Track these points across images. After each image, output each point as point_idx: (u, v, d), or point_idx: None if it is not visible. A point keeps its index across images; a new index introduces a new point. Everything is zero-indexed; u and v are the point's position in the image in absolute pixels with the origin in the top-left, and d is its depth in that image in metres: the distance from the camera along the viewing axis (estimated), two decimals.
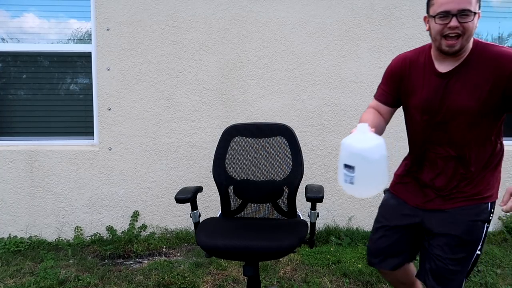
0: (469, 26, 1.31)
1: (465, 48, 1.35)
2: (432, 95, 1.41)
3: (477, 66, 1.34)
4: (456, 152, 1.42)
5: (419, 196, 1.53)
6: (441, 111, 1.40)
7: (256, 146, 2.14)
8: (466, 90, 1.34)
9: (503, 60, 1.30)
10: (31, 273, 2.64)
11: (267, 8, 3.27)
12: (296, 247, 1.76)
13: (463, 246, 1.43)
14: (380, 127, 1.54)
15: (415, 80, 1.47)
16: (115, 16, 3.20)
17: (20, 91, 3.33)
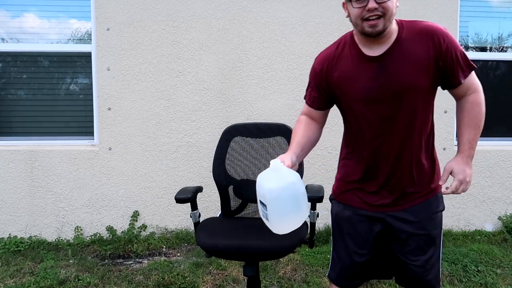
0: (388, 5, 1.24)
1: (390, 30, 1.29)
2: (371, 83, 1.32)
3: (411, 44, 1.30)
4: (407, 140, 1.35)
5: (371, 201, 1.43)
6: (386, 96, 1.31)
7: (256, 146, 2.14)
8: (407, 69, 1.29)
9: (437, 35, 1.29)
10: (31, 273, 2.64)
11: (267, 8, 3.27)
12: (296, 247, 1.76)
13: (432, 242, 1.43)
14: (314, 139, 1.51)
15: (346, 73, 1.36)
16: (115, 16, 3.20)
17: (20, 91, 3.33)
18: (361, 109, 1.36)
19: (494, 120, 3.62)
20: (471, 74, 1.35)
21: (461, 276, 2.59)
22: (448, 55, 1.29)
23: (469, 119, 1.36)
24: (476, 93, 1.35)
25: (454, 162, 1.39)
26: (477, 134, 1.37)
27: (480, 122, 1.37)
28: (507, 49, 3.61)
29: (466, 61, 1.33)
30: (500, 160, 3.46)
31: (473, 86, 1.35)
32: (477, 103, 1.35)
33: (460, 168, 1.37)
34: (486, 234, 3.35)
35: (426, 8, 3.35)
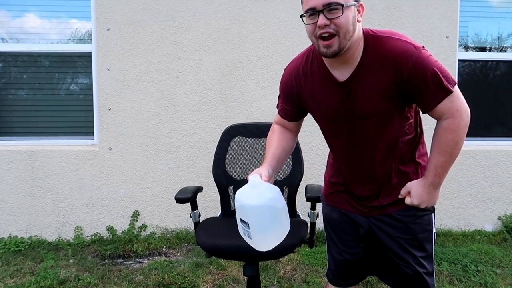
0: (341, 22, 1.12)
1: (353, 49, 1.20)
2: (338, 105, 1.28)
3: (373, 69, 1.20)
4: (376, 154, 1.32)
5: (356, 204, 1.43)
6: (353, 119, 1.28)
7: (256, 146, 2.15)
8: (367, 96, 1.23)
9: (399, 60, 1.17)
10: (31, 273, 2.64)
11: (267, 8, 3.27)
12: (296, 247, 1.76)
13: (419, 245, 1.37)
14: (288, 148, 1.49)
15: (314, 90, 1.32)
16: (115, 16, 3.20)
17: (20, 91, 3.33)
18: (329, 128, 1.37)
19: (494, 120, 3.62)
20: (448, 98, 1.19)
21: (461, 276, 2.59)
22: (412, 81, 1.18)
23: (439, 144, 1.24)
24: (451, 118, 1.20)
25: (416, 184, 1.30)
26: (446, 162, 1.24)
27: (452, 150, 1.23)
28: (507, 49, 3.61)
29: (439, 84, 1.18)
30: (500, 160, 3.46)
31: (449, 111, 1.20)
32: (450, 129, 1.21)
33: (418, 193, 1.29)
34: (486, 234, 3.35)
35: (426, 8, 3.35)
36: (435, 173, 1.26)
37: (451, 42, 3.39)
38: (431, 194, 1.29)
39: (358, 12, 1.19)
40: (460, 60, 3.48)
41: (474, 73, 3.59)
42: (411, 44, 1.19)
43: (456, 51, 3.42)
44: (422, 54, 1.17)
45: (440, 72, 1.18)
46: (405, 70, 1.17)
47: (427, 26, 3.37)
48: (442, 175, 1.26)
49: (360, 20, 1.19)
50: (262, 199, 1.17)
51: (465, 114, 1.22)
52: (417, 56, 1.16)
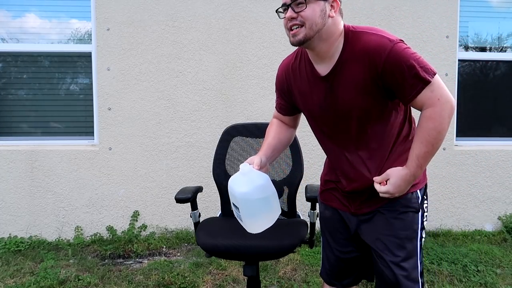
0: (306, 14, 1.20)
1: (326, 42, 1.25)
2: (323, 102, 1.33)
3: (351, 64, 1.25)
4: (363, 150, 1.34)
5: (345, 202, 1.44)
6: (336, 114, 1.32)
7: (256, 146, 2.14)
8: (347, 91, 1.27)
9: (372, 54, 1.20)
10: (31, 273, 2.64)
11: (267, 8, 3.27)
12: (296, 247, 1.76)
13: (401, 244, 1.33)
14: (285, 140, 1.56)
15: (301, 86, 1.39)
16: (115, 16, 3.20)
17: (20, 91, 3.33)
18: (317, 123, 1.41)
19: (494, 120, 3.62)
20: (428, 87, 1.20)
21: (461, 276, 2.59)
22: (387, 74, 1.20)
23: (421, 134, 1.22)
24: (432, 107, 1.20)
25: (396, 173, 1.27)
26: (428, 152, 1.22)
27: (434, 140, 1.21)
28: (507, 49, 3.61)
29: (416, 76, 1.19)
30: (500, 160, 3.46)
31: (429, 100, 1.20)
32: (432, 118, 1.20)
33: (397, 182, 1.26)
34: (485, 234, 3.35)
35: (426, 8, 3.35)
36: (417, 163, 1.24)
37: (451, 42, 3.39)
38: (408, 184, 1.27)
39: (332, 7, 1.24)
40: (460, 60, 3.49)
41: (474, 73, 3.59)
42: (386, 37, 1.21)
43: (456, 51, 3.42)
44: (396, 47, 1.19)
45: (417, 63, 1.19)
46: (379, 64, 1.19)
47: (427, 26, 3.37)
48: (423, 165, 1.25)
49: (332, 15, 1.24)
50: (251, 186, 1.24)
51: (448, 104, 1.21)
52: (391, 49, 1.18)
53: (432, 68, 1.22)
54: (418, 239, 1.36)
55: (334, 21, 1.25)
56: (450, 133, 3.41)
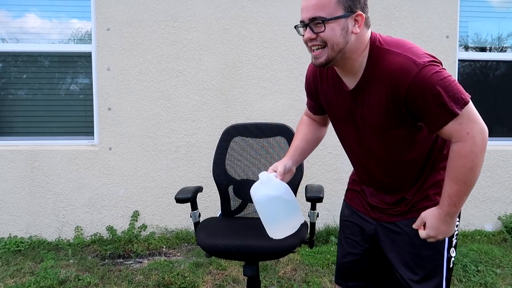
0: (325, 35, 1.12)
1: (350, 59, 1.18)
2: (347, 110, 1.29)
3: (375, 82, 1.18)
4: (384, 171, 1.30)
5: (367, 206, 1.41)
6: (359, 129, 1.28)
7: (256, 146, 2.15)
8: (371, 109, 1.21)
9: (395, 78, 1.12)
10: (31, 273, 2.64)
11: (267, 8, 3.27)
12: (296, 247, 1.76)
13: (423, 264, 1.28)
14: (314, 140, 1.55)
15: (327, 93, 1.34)
16: (115, 16, 3.20)
17: (20, 91, 3.33)
18: (340, 129, 1.38)
19: (494, 120, 3.62)
20: (456, 120, 1.09)
21: (461, 276, 2.59)
22: (410, 101, 1.12)
23: (451, 171, 1.13)
24: (461, 142, 1.10)
25: (431, 214, 1.19)
26: (461, 191, 1.12)
27: (466, 177, 1.11)
28: (507, 49, 3.61)
29: (442, 105, 1.08)
30: (500, 160, 3.46)
31: (457, 134, 1.10)
32: (461, 155, 1.10)
33: (433, 224, 1.18)
34: (485, 234, 3.35)
35: (426, 8, 3.35)
36: (450, 202, 1.14)
37: (451, 42, 3.39)
38: (448, 224, 1.17)
39: (356, 22, 1.14)
40: (460, 60, 3.49)
41: (474, 73, 3.59)
42: (412, 60, 1.10)
43: (456, 51, 3.42)
44: (422, 72, 1.08)
45: (446, 91, 1.08)
46: (401, 89, 1.12)
47: (427, 26, 3.37)
48: (458, 204, 1.14)
49: (356, 32, 1.14)
50: (268, 195, 1.27)
51: (479, 137, 1.09)
52: (416, 75, 1.09)
53: (464, 96, 1.09)
54: (444, 259, 1.29)
55: (358, 36, 1.16)
56: None
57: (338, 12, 1.11)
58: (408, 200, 1.31)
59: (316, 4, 1.11)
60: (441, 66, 1.12)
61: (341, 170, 3.31)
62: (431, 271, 1.29)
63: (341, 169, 3.31)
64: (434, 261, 1.29)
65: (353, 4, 1.12)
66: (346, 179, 1.59)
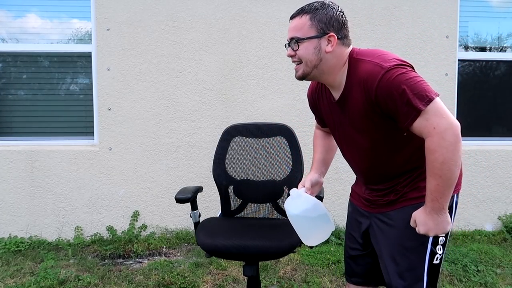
0: (300, 53, 1.30)
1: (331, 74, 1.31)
2: (338, 121, 1.41)
3: (353, 90, 1.28)
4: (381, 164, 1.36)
5: (363, 200, 1.49)
6: (350, 134, 1.38)
7: (256, 146, 2.15)
8: (354, 114, 1.31)
9: (365, 83, 1.22)
10: (32, 273, 2.64)
11: (267, 8, 3.27)
12: (296, 247, 1.76)
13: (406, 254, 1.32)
14: (331, 149, 1.66)
15: (324, 107, 1.47)
16: (115, 16, 3.20)
17: (20, 91, 3.33)
18: (336, 137, 1.50)
19: (494, 120, 3.62)
20: (422, 116, 1.15)
21: (461, 276, 2.59)
22: (380, 102, 1.20)
23: (427, 167, 1.18)
24: (429, 137, 1.15)
25: (419, 212, 1.24)
26: (439, 185, 1.15)
27: (440, 171, 1.14)
28: (507, 49, 3.61)
29: (408, 103, 1.15)
30: (500, 160, 3.46)
31: (425, 129, 1.15)
32: (430, 149, 1.15)
33: (421, 220, 1.22)
34: (486, 234, 3.35)
35: (426, 8, 3.35)
36: (432, 198, 1.18)
37: (451, 42, 3.39)
38: (436, 220, 1.21)
39: (329, 42, 1.27)
40: (460, 60, 3.49)
41: (474, 73, 3.59)
42: (379, 65, 1.20)
43: (456, 51, 3.42)
44: (388, 74, 1.17)
45: (410, 89, 1.14)
46: (372, 93, 1.21)
47: (427, 26, 3.37)
48: (440, 199, 1.17)
49: (329, 50, 1.27)
50: (297, 210, 1.43)
51: (447, 132, 1.12)
52: (382, 77, 1.17)
53: (429, 93, 1.15)
54: (427, 252, 1.32)
55: (334, 55, 1.29)
56: None
57: (311, 33, 1.28)
58: (398, 190, 1.36)
59: (295, 26, 1.31)
60: (408, 68, 1.20)
61: (341, 170, 3.31)
62: (413, 262, 1.33)
63: (341, 169, 3.31)
64: (417, 253, 1.33)
65: (325, 26, 1.27)
66: (346, 179, 1.61)
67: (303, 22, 1.29)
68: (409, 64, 1.23)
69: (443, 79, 3.40)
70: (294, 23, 1.31)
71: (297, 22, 1.30)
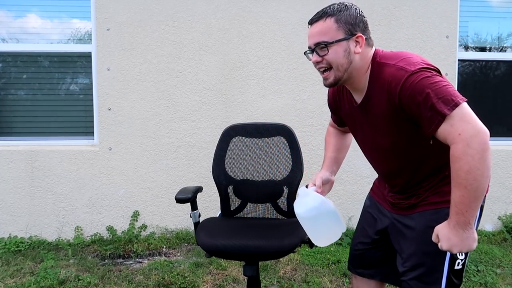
0: (329, 58, 1.24)
1: (355, 77, 1.28)
2: (360, 123, 1.39)
3: (377, 95, 1.25)
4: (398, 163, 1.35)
5: (386, 201, 1.48)
6: (372, 137, 1.36)
7: (256, 146, 2.15)
8: (377, 119, 1.29)
9: (388, 88, 1.19)
10: (32, 273, 2.64)
11: (267, 8, 3.27)
12: (296, 247, 1.76)
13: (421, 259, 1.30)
14: (343, 147, 1.66)
15: (345, 108, 1.46)
16: (115, 16, 3.20)
17: (20, 91, 3.33)
18: (357, 138, 1.49)
19: (494, 120, 3.62)
20: (447, 121, 1.10)
21: None
22: (404, 107, 1.17)
23: (452, 176, 1.11)
24: (454, 144, 1.08)
25: (441, 226, 1.18)
26: (464, 197, 1.08)
27: (465, 181, 1.06)
28: (507, 49, 3.61)
29: (432, 108, 1.10)
30: (500, 160, 3.46)
31: (450, 135, 1.10)
32: (455, 157, 1.08)
33: (444, 236, 1.15)
34: (486, 234, 3.35)
35: (426, 8, 3.35)
36: (456, 211, 1.10)
37: (451, 42, 3.39)
38: (461, 235, 1.12)
39: (357, 43, 1.24)
40: (460, 60, 3.49)
41: (474, 73, 3.59)
42: (403, 69, 1.16)
43: (456, 51, 3.42)
44: (411, 77, 1.13)
45: (435, 94, 1.10)
46: (395, 97, 1.18)
47: (427, 26, 3.37)
48: (466, 212, 1.09)
49: (358, 51, 1.24)
50: (305, 209, 1.41)
51: (473, 139, 1.05)
52: (405, 81, 1.14)
53: (455, 98, 1.10)
54: (446, 258, 1.28)
55: (361, 56, 1.26)
56: None
57: (339, 36, 1.23)
58: (420, 194, 1.35)
59: (319, 31, 1.24)
60: (433, 72, 1.15)
61: (341, 170, 3.30)
62: (430, 267, 1.30)
63: (341, 169, 3.30)
64: (434, 257, 1.29)
65: (352, 27, 1.23)
66: (346, 179, 1.61)
67: (328, 25, 1.23)
68: (435, 67, 1.18)
69: None
70: (318, 27, 1.25)
71: (321, 26, 1.24)
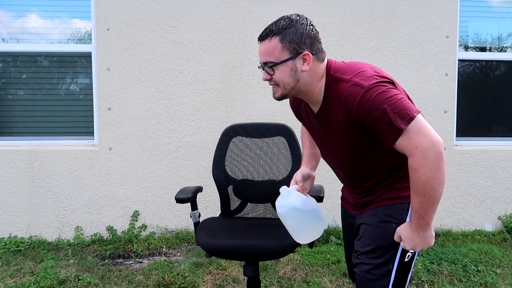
0: (276, 78, 1.27)
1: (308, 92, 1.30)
2: (318, 131, 1.42)
3: (332, 107, 1.27)
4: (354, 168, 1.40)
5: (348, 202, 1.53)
6: (331, 145, 1.39)
7: (256, 146, 2.15)
8: (334, 130, 1.31)
9: (345, 104, 1.21)
10: (32, 273, 2.64)
11: (267, 8, 3.27)
12: (296, 247, 1.77)
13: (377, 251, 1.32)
14: None
15: (303, 117, 1.49)
16: (115, 16, 3.20)
17: (20, 91, 3.33)
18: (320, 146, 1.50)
19: (494, 120, 3.62)
20: (404, 135, 1.13)
21: (461, 276, 2.59)
22: (362, 121, 1.19)
23: (411, 185, 1.18)
24: (411, 156, 1.14)
25: (404, 228, 1.25)
26: (423, 203, 1.15)
27: (423, 190, 1.13)
28: (507, 49, 3.61)
29: (389, 123, 1.13)
30: (500, 160, 3.46)
31: (407, 148, 1.15)
32: (412, 168, 1.14)
33: (407, 236, 1.23)
34: (485, 234, 3.35)
35: (426, 8, 3.35)
36: (417, 215, 1.18)
37: (451, 42, 3.39)
38: (422, 236, 1.21)
39: (304, 61, 1.24)
40: (460, 60, 3.49)
41: (474, 73, 3.59)
42: (358, 84, 1.18)
43: (456, 51, 3.42)
44: (367, 94, 1.15)
45: (391, 108, 1.13)
46: (353, 112, 1.19)
47: (427, 26, 3.37)
48: (425, 216, 1.17)
49: (305, 69, 1.24)
50: (288, 208, 1.41)
51: (429, 151, 1.11)
52: (361, 98, 1.16)
53: (409, 112, 1.13)
54: (398, 253, 1.31)
55: (309, 73, 1.26)
56: (450, 132, 3.41)
57: (284, 56, 1.24)
58: (376, 191, 1.38)
59: (265, 51, 1.26)
60: (388, 86, 1.18)
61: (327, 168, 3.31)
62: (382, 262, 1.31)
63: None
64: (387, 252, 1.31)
65: (298, 46, 1.23)
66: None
67: (273, 46, 1.23)
68: (389, 79, 1.21)
69: (443, 79, 3.40)
70: (264, 46, 1.25)
71: (267, 46, 1.25)
